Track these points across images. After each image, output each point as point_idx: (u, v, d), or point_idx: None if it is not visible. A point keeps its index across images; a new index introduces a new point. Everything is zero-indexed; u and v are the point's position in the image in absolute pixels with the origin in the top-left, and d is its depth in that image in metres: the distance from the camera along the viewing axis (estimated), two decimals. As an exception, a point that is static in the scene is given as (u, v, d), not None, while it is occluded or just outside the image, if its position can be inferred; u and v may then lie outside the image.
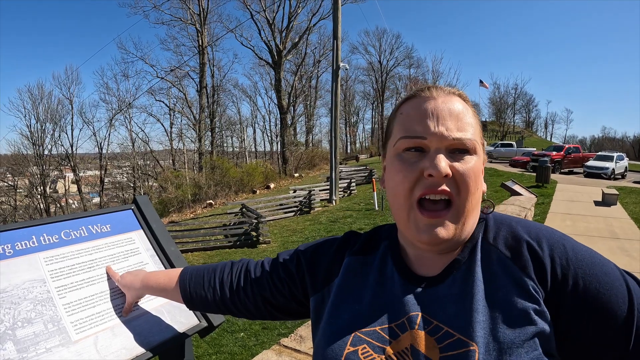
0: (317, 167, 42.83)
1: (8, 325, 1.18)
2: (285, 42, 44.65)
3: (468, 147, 0.89)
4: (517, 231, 0.92)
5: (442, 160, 0.87)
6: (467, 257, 0.92)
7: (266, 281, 1.16)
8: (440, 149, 0.88)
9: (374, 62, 65.72)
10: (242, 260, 1.28)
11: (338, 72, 19.41)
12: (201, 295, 1.23)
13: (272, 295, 1.15)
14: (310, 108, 57.29)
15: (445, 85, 0.97)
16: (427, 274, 0.94)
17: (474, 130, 0.91)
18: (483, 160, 0.94)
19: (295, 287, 1.12)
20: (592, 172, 27.62)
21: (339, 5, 19.51)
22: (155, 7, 42.76)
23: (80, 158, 47.96)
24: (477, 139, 0.91)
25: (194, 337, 1.54)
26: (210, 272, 1.26)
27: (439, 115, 0.89)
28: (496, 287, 0.85)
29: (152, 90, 46.52)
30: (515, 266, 0.87)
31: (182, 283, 1.27)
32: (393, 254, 1.02)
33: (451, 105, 0.91)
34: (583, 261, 0.85)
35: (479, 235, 0.94)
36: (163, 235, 1.68)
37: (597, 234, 10.78)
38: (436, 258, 0.94)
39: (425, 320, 0.87)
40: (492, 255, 0.90)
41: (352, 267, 1.04)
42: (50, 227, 1.47)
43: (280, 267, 1.16)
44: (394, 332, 0.89)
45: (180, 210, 29.51)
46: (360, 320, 0.93)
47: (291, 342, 2.38)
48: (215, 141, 47.74)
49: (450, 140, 0.88)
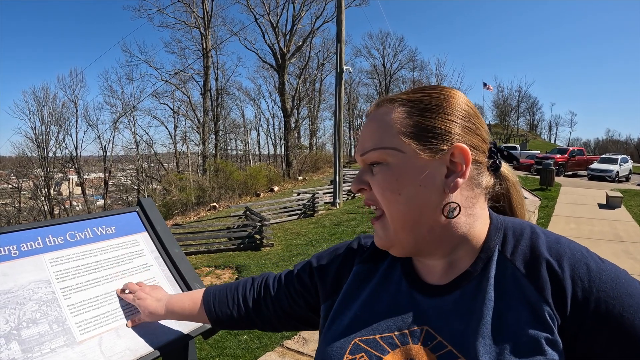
0: (320, 170, 42.82)
1: (13, 325, 1.19)
2: (289, 45, 44.69)
3: (374, 160, 0.89)
4: (537, 246, 0.84)
5: (355, 179, 0.94)
6: (480, 271, 0.86)
7: (284, 294, 1.17)
8: (362, 166, 0.94)
9: (378, 65, 65.99)
10: (262, 275, 1.29)
11: (342, 75, 19.41)
12: (227, 314, 1.24)
13: (291, 308, 1.16)
14: (314, 111, 57.29)
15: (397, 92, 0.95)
16: (436, 283, 0.91)
17: (378, 137, 0.88)
18: (409, 158, 0.85)
19: (311, 297, 1.13)
20: (596, 174, 27.61)
21: (343, 8, 19.53)
22: (160, 11, 42.93)
23: (84, 160, 48.10)
24: (381, 144, 0.87)
25: (197, 339, 1.54)
26: (232, 290, 1.27)
27: (360, 133, 0.95)
28: (507, 307, 0.80)
29: (156, 93, 46.63)
30: (532, 286, 0.80)
31: (206, 305, 1.28)
32: (403, 259, 0.99)
33: (367, 119, 0.94)
34: (607, 283, 0.78)
35: (496, 246, 0.88)
36: (167, 238, 1.69)
37: (601, 237, 10.75)
38: (447, 268, 0.90)
39: (428, 335, 0.84)
40: (508, 271, 0.84)
41: (360, 275, 1.03)
42: (55, 229, 1.47)
43: (295, 279, 1.17)
44: (394, 343, 0.87)
45: (184, 213, 29.55)
46: (361, 327, 0.92)
47: (294, 344, 2.39)
48: (219, 144, 47.78)
49: (360, 158, 0.93)
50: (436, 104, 0.87)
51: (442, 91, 0.90)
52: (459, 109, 0.88)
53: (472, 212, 0.88)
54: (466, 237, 0.88)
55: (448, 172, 0.85)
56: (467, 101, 0.90)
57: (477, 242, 0.88)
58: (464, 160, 0.84)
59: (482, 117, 0.93)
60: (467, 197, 0.87)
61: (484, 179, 0.91)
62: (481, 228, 0.89)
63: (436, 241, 0.88)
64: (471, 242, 0.88)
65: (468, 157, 0.84)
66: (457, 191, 0.85)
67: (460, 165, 0.84)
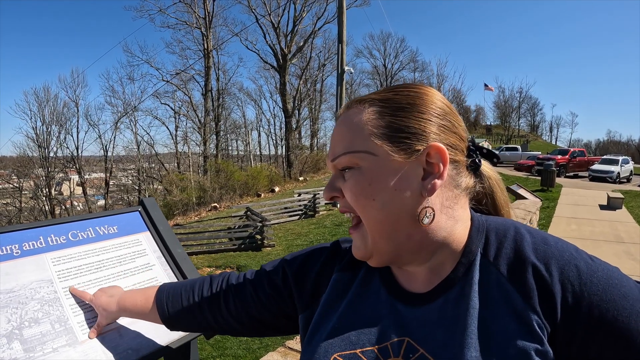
0: (321, 170, 42.76)
1: (15, 324, 1.18)
2: (290, 45, 44.68)
3: (345, 165, 0.85)
4: (522, 249, 0.80)
5: (327, 186, 0.90)
6: (462, 276, 0.82)
7: (250, 297, 1.09)
8: (334, 172, 0.90)
9: (379, 65, 66.06)
10: (222, 274, 1.19)
11: (343, 76, 19.42)
12: (180, 316, 1.16)
13: (258, 312, 1.08)
14: (315, 112, 57.28)
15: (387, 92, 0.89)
16: (417, 291, 0.87)
17: (349, 140, 0.84)
18: (382, 161, 0.81)
19: (284, 302, 1.05)
20: (597, 175, 27.62)
21: (344, 9, 19.54)
22: (161, 11, 42.91)
23: (85, 160, 48.11)
24: (352, 148, 0.84)
25: (198, 340, 1.54)
26: (188, 290, 1.17)
27: (331, 137, 0.91)
28: (493, 316, 0.76)
29: (157, 94, 46.65)
30: (518, 293, 0.76)
31: (159, 302, 1.19)
32: (381, 269, 0.94)
33: (337, 122, 0.90)
34: (599, 285, 0.74)
35: (477, 249, 0.83)
36: (170, 237, 1.69)
37: (602, 237, 10.75)
38: (428, 275, 0.86)
39: (410, 347, 0.80)
40: (492, 277, 0.79)
41: (339, 284, 0.97)
42: (57, 228, 1.47)
43: (265, 280, 1.09)
44: (374, 356, 0.82)
45: (185, 213, 29.55)
46: (340, 341, 0.87)
47: (296, 344, 2.38)
48: (220, 144, 47.77)
49: (331, 164, 0.89)
50: (409, 102, 0.83)
51: (415, 89, 0.86)
52: (434, 106, 0.83)
53: (453, 214, 0.84)
54: (446, 241, 0.83)
55: (425, 174, 0.81)
56: (442, 98, 0.86)
57: (457, 246, 0.84)
58: (440, 160, 0.80)
59: (458, 114, 0.89)
60: (447, 199, 0.83)
61: (463, 179, 0.86)
62: (462, 231, 0.85)
63: (415, 248, 0.83)
64: (451, 246, 0.84)
65: (445, 157, 0.80)
66: (435, 193, 0.81)
67: (438, 166, 0.80)
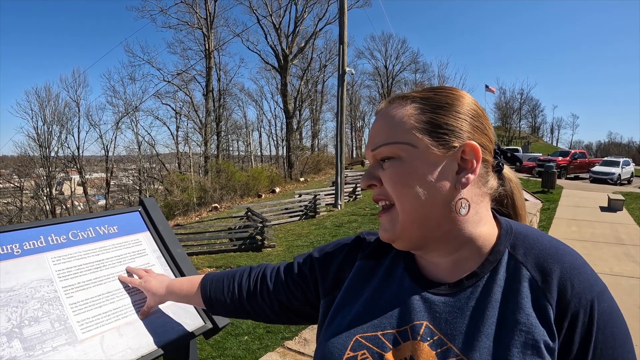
0: (322, 171, 42.82)
1: (15, 323, 1.19)
2: (292, 46, 44.73)
3: (386, 155, 0.90)
4: (548, 258, 0.84)
5: (365, 174, 0.95)
6: (488, 273, 0.86)
7: (281, 285, 1.17)
8: (372, 162, 0.95)
9: (380, 66, 65.88)
10: (260, 265, 1.28)
11: (344, 77, 19.42)
12: (221, 300, 1.25)
13: (288, 299, 1.15)
14: (316, 112, 57.30)
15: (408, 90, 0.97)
16: (440, 281, 0.91)
17: (391, 132, 0.90)
18: (422, 153, 0.86)
19: (309, 290, 1.12)
20: (598, 177, 27.64)
21: (345, 10, 19.54)
22: (162, 11, 43.08)
23: (86, 160, 48.17)
24: (394, 139, 0.89)
25: (198, 340, 1.54)
26: (229, 277, 1.28)
27: (371, 129, 0.96)
28: (514, 311, 0.80)
29: (158, 94, 46.74)
30: (542, 293, 0.81)
31: (203, 288, 1.30)
32: (406, 256, 0.99)
33: (378, 115, 0.95)
34: (611, 335, 0.80)
35: (505, 250, 0.88)
36: (169, 237, 1.69)
37: (603, 239, 10.74)
38: (451, 267, 0.91)
39: (429, 331, 0.85)
40: (518, 276, 0.84)
41: (361, 271, 1.03)
42: (58, 228, 1.48)
43: (295, 270, 1.17)
44: (395, 339, 0.87)
45: (186, 213, 29.58)
46: (363, 323, 0.92)
47: (295, 344, 2.38)
48: (221, 145, 47.85)
49: (370, 153, 0.94)
50: (447, 102, 0.89)
51: (453, 91, 0.92)
52: (469, 108, 0.90)
53: (478, 211, 0.89)
54: (472, 237, 0.88)
55: (459, 169, 0.87)
56: (475, 102, 0.92)
57: (483, 243, 0.89)
58: (474, 157, 0.86)
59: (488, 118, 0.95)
60: (475, 195, 0.89)
61: (490, 179, 0.93)
62: (487, 230, 0.90)
63: (443, 237, 0.89)
64: (477, 243, 0.89)
65: (479, 155, 0.86)
66: (467, 188, 0.87)
67: (471, 162, 0.86)
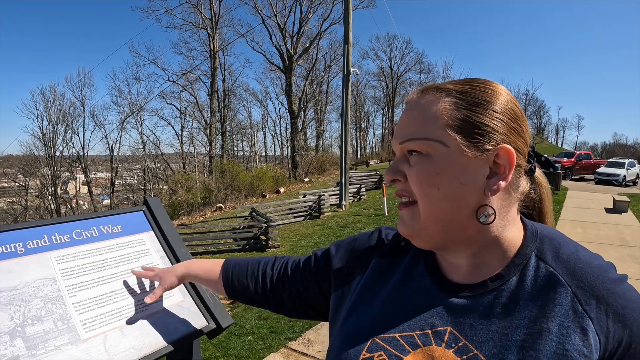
0: (327, 172, 42.82)
1: (18, 322, 1.19)
2: (296, 47, 44.74)
3: (414, 149, 0.84)
4: (578, 263, 0.81)
5: (389, 168, 0.89)
6: (515, 276, 0.82)
7: (300, 277, 1.16)
8: (399, 155, 0.89)
9: (385, 67, 65.82)
10: (284, 257, 1.29)
11: (349, 77, 19.40)
12: (243, 285, 1.25)
13: (306, 291, 1.15)
14: (320, 113, 57.32)
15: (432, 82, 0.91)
16: (462, 282, 0.87)
17: (422, 126, 0.83)
18: (453, 153, 0.81)
19: (324, 282, 1.11)
20: (603, 178, 27.57)
21: (350, 10, 19.52)
22: (167, 12, 43.02)
23: (91, 160, 48.25)
24: (425, 135, 0.82)
25: (201, 340, 1.54)
26: (254, 264, 1.29)
27: (400, 119, 0.90)
28: (544, 316, 0.76)
29: (163, 94, 46.77)
30: (577, 298, 0.77)
31: (225, 270, 1.29)
32: (426, 255, 0.95)
33: (409, 106, 0.89)
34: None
35: (532, 253, 0.84)
36: (173, 237, 1.69)
37: (607, 241, 10.70)
38: (472, 268, 0.86)
39: (453, 337, 0.80)
40: (549, 279, 0.79)
41: (379, 269, 1.00)
42: (61, 227, 1.48)
43: (312, 263, 1.16)
44: (414, 342, 0.83)
45: (190, 213, 29.60)
46: (380, 324, 0.88)
47: (299, 345, 2.39)
48: (225, 145, 47.87)
49: (397, 145, 0.88)
50: (485, 99, 0.82)
51: (492, 86, 0.85)
52: (507, 107, 0.83)
53: (506, 216, 0.84)
54: (497, 241, 0.84)
55: (490, 173, 0.81)
56: (514, 101, 0.86)
57: (508, 247, 0.85)
58: (508, 162, 0.81)
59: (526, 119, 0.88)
60: (504, 200, 0.83)
61: (521, 184, 0.87)
62: (514, 233, 0.86)
63: (466, 241, 0.85)
64: (502, 246, 0.85)
65: (513, 160, 0.80)
66: (496, 194, 0.82)
67: (504, 167, 0.81)
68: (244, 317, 7.86)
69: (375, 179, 27.40)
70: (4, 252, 1.31)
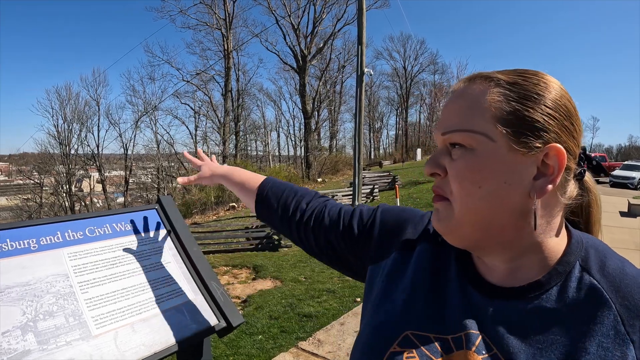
0: (340, 172, 42.83)
1: (30, 317, 1.20)
2: (310, 47, 44.85)
3: (458, 142, 0.78)
4: (626, 280, 0.74)
5: (429, 160, 0.84)
6: (555, 285, 0.76)
7: (336, 226, 1.13)
8: (440, 146, 0.84)
9: (399, 67, 65.94)
10: (326, 196, 1.28)
11: (362, 78, 19.36)
12: (273, 207, 1.26)
13: (337, 241, 1.12)
14: (334, 113, 57.42)
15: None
16: (498, 284, 0.81)
17: (468, 117, 0.78)
18: (499, 149, 0.75)
19: (360, 244, 1.07)
20: (618, 182, 27.27)
21: (364, 10, 19.48)
22: (182, 12, 43.54)
23: (105, 158, 48.80)
24: (471, 127, 0.77)
25: (212, 338, 1.54)
26: (291, 191, 1.28)
27: (444, 109, 0.84)
28: (584, 333, 0.70)
29: (177, 93, 47.33)
30: (620, 317, 0.70)
31: (261, 187, 1.32)
32: (462, 253, 0.90)
33: (454, 94, 0.83)
34: None
35: (576, 262, 0.77)
36: (186, 235, 1.69)
37: (622, 245, 10.58)
38: (508, 272, 0.81)
39: (485, 344, 0.75)
40: (594, 294, 0.73)
41: (422, 256, 0.94)
42: (75, 224, 1.48)
43: (355, 220, 1.12)
44: (448, 346, 0.78)
45: (203, 212, 29.74)
46: (415, 319, 0.84)
47: (309, 345, 2.38)
48: (239, 144, 48.18)
49: (439, 136, 0.82)
50: (538, 92, 0.76)
51: (545, 79, 0.78)
52: (560, 103, 0.76)
53: (550, 221, 0.78)
54: (539, 247, 0.78)
55: (537, 174, 0.75)
56: (568, 97, 0.79)
57: (550, 254, 0.78)
58: (557, 163, 0.74)
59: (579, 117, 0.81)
60: (549, 204, 0.77)
61: (569, 188, 0.80)
62: (557, 240, 0.79)
63: (505, 244, 0.79)
64: (543, 252, 0.78)
65: (563, 161, 0.74)
66: (542, 197, 0.75)
67: (552, 169, 0.74)
68: (255, 316, 7.89)
69: (388, 179, 27.38)
70: (17, 248, 1.32)
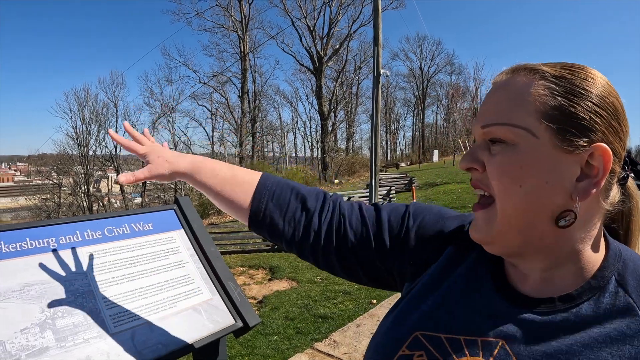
0: (357, 173, 42.79)
1: (49, 314, 1.21)
2: (326, 48, 44.89)
3: (498, 136, 0.73)
4: None
5: (466, 153, 0.80)
6: (587, 300, 0.71)
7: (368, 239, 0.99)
8: (479, 141, 0.79)
9: (415, 68, 65.73)
10: (333, 198, 1.09)
11: (379, 79, 19.28)
12: (278, 228, 1.05)
13: (369, 259, 1.00)
14: (350, 114, 57.31)
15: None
16: (526, 294, 0.77)
17: (510, 110, 0.73)
18: (542, 146, 0.70)
19: (392, 256, 0.97)
20: (639, 184, 26.87)
21: (379, 11, 19.41)
22: (198, 14, 43.79)
23: (123, 159, 49.03)
24: (512, 121, 0.72)
25: (227, 338, 1.55)
26: (296, 199, 1.06)
27: (484, 101, 0.79)
28: (612, 354, 0.65)
29: (194, 95, 47.58)
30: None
31: (256, 200, 1.07)
32: (492, 258, 0.85)
33: (496, 86, 0.78)
34: None
35: (612, 277, 0.72)
36: (203, 236, 1.70)
37: None
38: (539, 281, 0.77)
39: (504, 353, 0.71)
40: (627, 311, 0.68)
41: (451, 260, 0.90)
42: (93, 224, 1.50)
43: (384, 226, 0.99)
44: (459, 347, 0.75)
45: (220, 212, 29.78)
46: (428, 321, 0.81)
47: (325, 346, 2.37)
48: (256, 146, 48.28)
49: (479, 129, 0.78)
50: (585, 88, 0.70)
51: (592, 74, 0.73)
52: (608, 101, 0.71)
53: (588, 228, 0.73)
54: (576, 255, 0.74)
55: (581, 175, 0.70)
56: (617, 94, 0.74)
57: (586, 264, 0.74)
58: (602, 165, 0.69)
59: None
60: (589, 209, 0.72)
61: (611, 193, 0.75)
62: (595, 250, 0.75)
63: (542, 250, 0.74)
64: (579, 263, 0.74)
65: (609, 163, 0.69)
66: (584, 200, 0.70)
67: (597, 170, 0.69)
68: (271, 316, 7.90)
69: (405, 181, 27.27)
70: (37, 247, 1.34)
